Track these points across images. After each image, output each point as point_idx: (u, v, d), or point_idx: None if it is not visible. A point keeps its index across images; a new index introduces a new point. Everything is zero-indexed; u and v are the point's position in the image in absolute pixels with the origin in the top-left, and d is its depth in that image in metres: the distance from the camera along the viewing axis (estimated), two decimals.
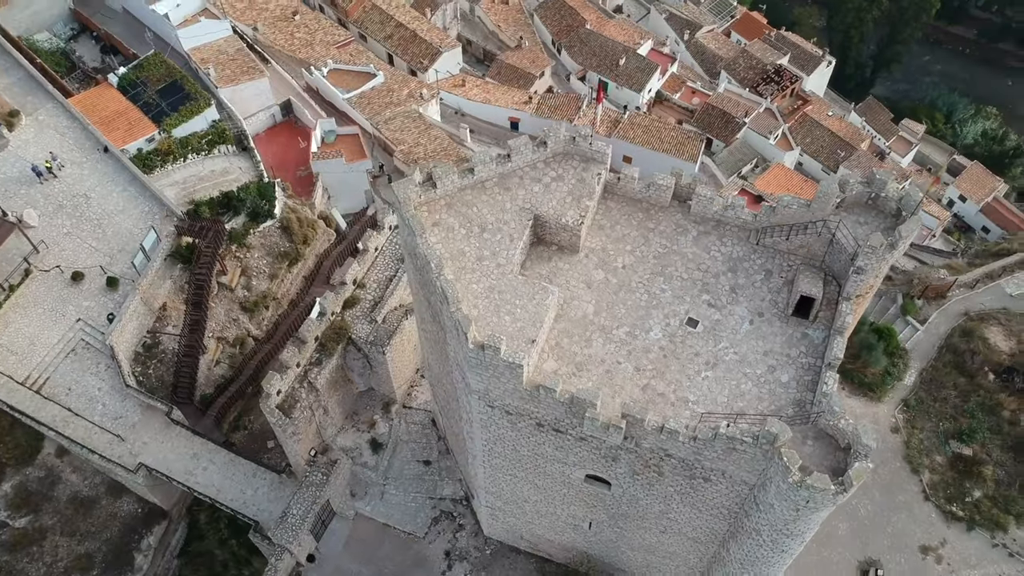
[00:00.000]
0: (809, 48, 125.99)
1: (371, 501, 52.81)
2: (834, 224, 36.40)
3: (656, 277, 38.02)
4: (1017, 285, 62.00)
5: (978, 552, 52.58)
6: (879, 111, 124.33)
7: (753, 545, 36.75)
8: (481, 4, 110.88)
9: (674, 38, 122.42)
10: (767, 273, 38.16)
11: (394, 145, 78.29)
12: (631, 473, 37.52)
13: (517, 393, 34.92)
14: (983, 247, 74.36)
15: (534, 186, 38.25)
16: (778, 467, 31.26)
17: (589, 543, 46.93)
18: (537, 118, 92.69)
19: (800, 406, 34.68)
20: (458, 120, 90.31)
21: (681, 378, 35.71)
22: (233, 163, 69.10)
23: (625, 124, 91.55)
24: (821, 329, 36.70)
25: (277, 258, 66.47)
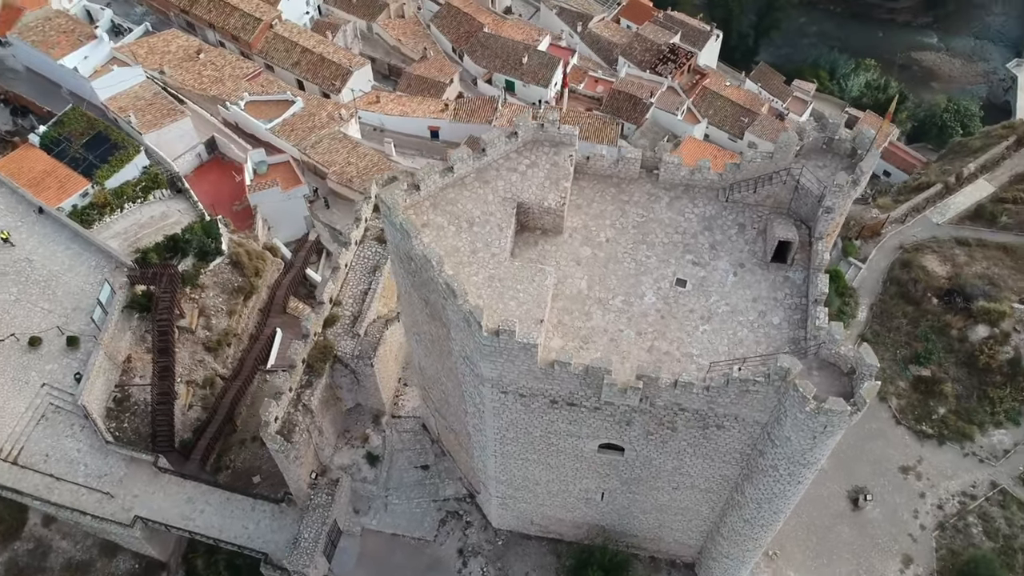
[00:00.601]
0: (697, 25, 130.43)
1: (376, 514, 53.22)
2: (797, 171, 38.76)
3: (639, 245, 39.79)
4: (941, 213, 66.22)
5: (952, 464, 56.14)
6: (772, 75, 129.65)
7: (770, 482, 38.79)
8: (379, 21, 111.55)
9: (568, 31, 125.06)
10: (740, 227, 40.35)
11: (325, 168, 78.61)
12: (645, 434, 39.15)
13: (531, 373, 36.15)
14: (903, 184, 78.83)
15: (511, 176, 39.59)
16: (793, 399, 33.30)
17: (601, 515, 48.42)
18: (456, 124, 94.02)
19: (795, 343, 36.89)
20: (378, 136, 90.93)
21: (681, 335, 37.53)
22: (171, 206, 68.58)
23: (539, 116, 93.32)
24: (800, 271, 39.03)
25: (232, 294, 66.26)
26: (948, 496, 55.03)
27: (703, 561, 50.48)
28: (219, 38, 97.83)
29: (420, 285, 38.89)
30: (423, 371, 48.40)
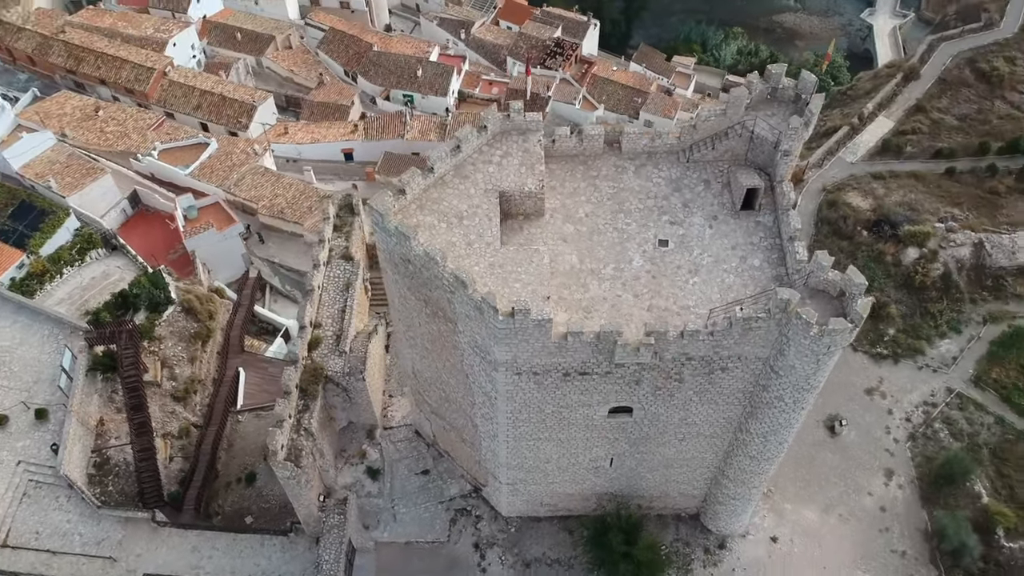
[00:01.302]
0: (574, 17, 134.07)
1: (386, 526, 53.77)
2: (751, 123, 41.53)
3: (617, 215, 41.90)
4: (853, 153, 70.79)
5: (909, 378, 60.28)
6: (653, 55, 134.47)
7: (776, 413, 41.38)
8: (267, 55, 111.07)
9: (452, 40, 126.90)
10: (706, 183, 42.93)
11: (253, 203, 78.30)
12: (653, 391, 41.21)
13: (545, 349, 37.74)
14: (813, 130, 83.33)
15: (488, 167, 41.16)
16: (796, 327, 35.87)
17: (610, 481, 50.27)
18: (368, 143, 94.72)
19: (779, 280, 39.63)
20: (294, 166, 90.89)
21: (675, 290, 39.78)
22: (110, 264, 67.53)
23: (454, 123, 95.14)
24: (768, 214, 41.83)
25: (189, 341, 65.60)
26: (912, 408, 59.06)
27: (708, 508, 52.89)
28: (113, 93, 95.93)
29: (419, 286, 39.96)
30: (418, 375, 49.34)
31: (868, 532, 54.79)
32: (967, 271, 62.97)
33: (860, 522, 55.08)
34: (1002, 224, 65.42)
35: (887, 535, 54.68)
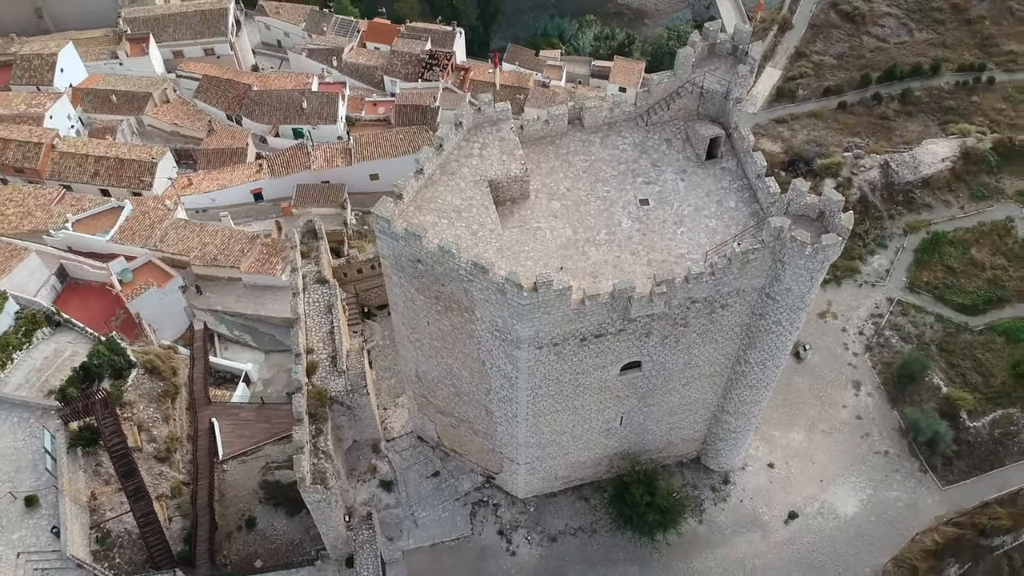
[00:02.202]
0: (440, 28, 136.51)
1: (409, 534, 54.60)
2: (700, 79, 44.84)
3: (595, 184, 44.46)
4: (753, 104, 75.64)
5: (854, 296, 65.28)
6: (522, 52, 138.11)
7: (773, 338, 44.74)
8: (148, 112, 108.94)
9: (326, 69, 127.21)
10: (668, 142, 46.02)
11: (185, 256, 77.30)
12: (661, 340, 43.92)
13: (565, 318, 39.89)
14: None
15: (471, 161, 43.05)
16: (791, 250, 39.20)
17: (619, 441, 52.75)
18: (277, 179, 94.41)
19: (755, 216, 43.03)
20: (205, 216, 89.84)
21: (666, 242, 42.63)
22: (59, 341, 65.77)
23: (358, 147, 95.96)
24: (730, 159, 45.28)
25: (159, 400, 64.78)
26: (862, 323, 63.93)
27: (709, 449, 56.06)
28: (2, 176, 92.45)
29: (429, 285, 41.40)
30: (422, 378, 50.59)
31: (851, 441, 59.17)
32: (880, 191, 68.48)
33: (841, 433, 59.38)
34: (899, 144, 71.43)
35: (868, 439, 59.19)
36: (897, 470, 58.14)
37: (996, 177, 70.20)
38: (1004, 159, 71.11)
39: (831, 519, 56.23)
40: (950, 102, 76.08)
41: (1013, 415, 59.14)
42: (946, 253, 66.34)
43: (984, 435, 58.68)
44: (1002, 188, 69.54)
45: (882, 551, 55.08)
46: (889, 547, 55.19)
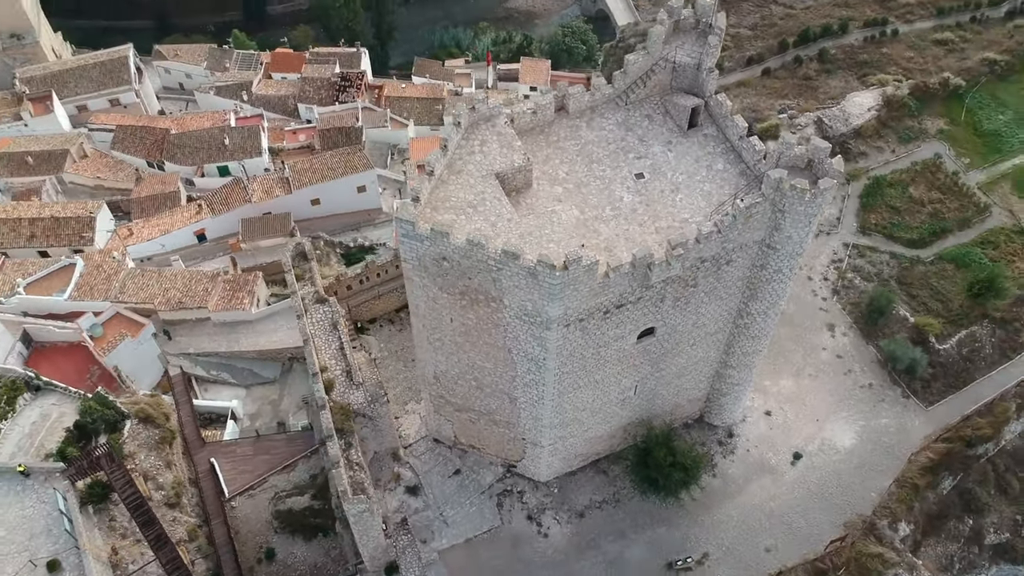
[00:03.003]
0: (344, 50, 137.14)
1: (442, 534, 55.57)
2: (672, 54, 47.52)
3: (591, 165, 46.64)
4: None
5: (812, 246, 68.86)
6: (429, 65, 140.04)
7: (774, 287, 47.70)
8: (67, 170, 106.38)
9: (238, 104, 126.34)
10: (649, 117, 48.56)
11: (149, 303, 76.30)
12: (674, 303, 46.35)
13: (591, 292, 41.87)
14: None
15: (473, 157, 44.66)
16: (791, 198, 42.11)
17: (632, 410, 54.97)
18: (219, 217, 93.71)
19: (744, 174, 45.89)
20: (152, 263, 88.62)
21: (669, 210, 45.08)
22: (43, 404, 64.35)
23: (295, 175, 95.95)
24: (710, 126, 48.04)
25: (158, 447, 64.11)
26: (825, 269, 67.87)
27: (712, 406, 58.85)
28: None
29: (455, 281, 42.80)
30: (440, 378, 51.80)
31: (836, 379, 62.87)
32: None
33: (826, 374, 63.03)
34: (826, 100, 75.93)
35: (851, 375, 63.00)
36: (883, 399, 62.06)
37: (918, 119, 75.35)
38: (922, 102, 76.41)
39: (832, 454, 59.69)
40: (863, 56, 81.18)
41: (976, 333, 63.83)
42: (888, 195, 70.91)
43: (954, 355, 63.16)
44: (925, 129, 74.70)
45: (883, 475, 58.79)
46: (889, 471, 58.95)
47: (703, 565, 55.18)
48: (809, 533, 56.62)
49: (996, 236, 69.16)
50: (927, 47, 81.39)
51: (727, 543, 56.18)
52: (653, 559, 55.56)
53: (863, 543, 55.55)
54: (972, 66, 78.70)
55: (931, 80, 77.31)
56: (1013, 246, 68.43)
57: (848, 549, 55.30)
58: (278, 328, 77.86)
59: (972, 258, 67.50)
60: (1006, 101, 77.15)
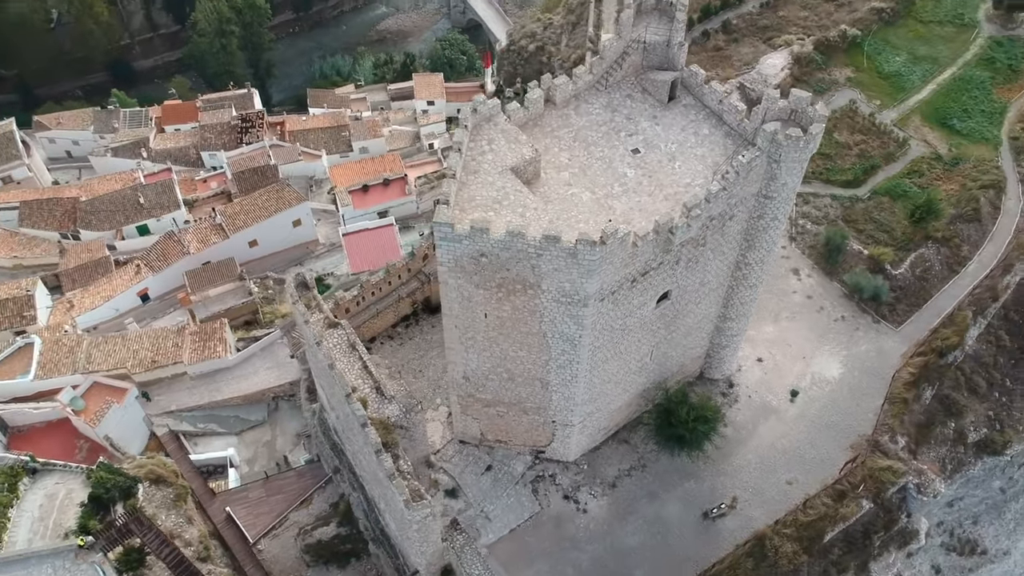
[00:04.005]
0: (235, 92, 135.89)
1: (487, 530, 56.98)
2: (643, 34, 50.67)
3: (589, 148, 49.27)
4: None
5: None
6: (324, 95, 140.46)
7: (770, 234, 51.46)
8: None
9: (138, 162, 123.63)
10: (630, 96, 51.57)
11: (121, 368, 74.75)
12: (686, 264, 49.48)
13: (623, 263, 44.54)
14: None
15: (486, 156, 46.61)
16: (787, 148, 45.81)
17: (647, 376, 57.82)
18: (159, 275, 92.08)
19: (730, 135, 49.39)
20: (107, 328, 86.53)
21: (671, 178, 48.14)
22: (46, 485, 62.61)
23: (228, 219, 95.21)
24: (687, 96, 51.43)
25: (175, 505, 63.33)
26: None
27: (711, 360, 62.35)
28: None
29: (491, 275, 44.63)
30: (470, 377, 53.34)
31: (811, 318, 67.41)
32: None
33: (802, 315, 67.52)
34: (741, 67, 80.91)
35: (824, 312, 67.71)
36: (857, 328, 66.95)
37: (827, 72, 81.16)
38: (827, 55, 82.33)
39: (824, 385, 64.10)
40: (764, 22, 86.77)
41: (924, 254, 69.57)
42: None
43: (909, 277, 68.67)
44: (835, 79, 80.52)
45: (873, 396, 63.54)
46: (877, 391, 63.76)
47: (735, 509, 58.48)
48: (822, 460, 60.75)
49: (919, 165, 75.29)
50: (819, 5, 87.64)
51: (752, 484, 59.69)
52: (689, 512, 58.59)
53: (872, 459, 60.01)
54: (863, 16, 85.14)
55: (830, 34, 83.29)
56: (935, 171, 74.69)
57: (861, 468, 59.66)
58: (257, 370, 77.79)
59: (903, 189, 73.31)
60: (898, 44, 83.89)
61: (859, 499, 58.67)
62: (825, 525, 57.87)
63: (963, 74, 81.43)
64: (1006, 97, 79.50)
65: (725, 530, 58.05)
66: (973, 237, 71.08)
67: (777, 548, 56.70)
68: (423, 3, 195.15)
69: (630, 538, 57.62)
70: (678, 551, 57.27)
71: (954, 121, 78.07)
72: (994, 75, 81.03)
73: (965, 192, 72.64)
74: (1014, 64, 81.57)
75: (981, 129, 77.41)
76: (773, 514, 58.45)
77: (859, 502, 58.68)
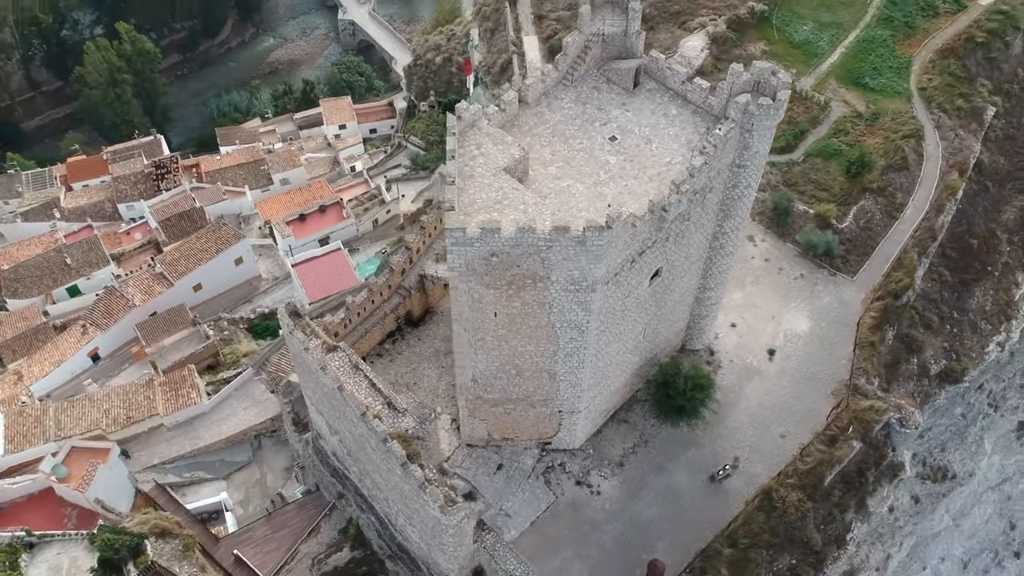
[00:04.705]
0: (140, 141, 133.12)
1: (507, 526, 57.90)
2: (600, 27, 52.82)
3: (569, 142, 51.12)
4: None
5: None
6: (233, 131, 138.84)
7: (744, 201, 54.32)
8: None
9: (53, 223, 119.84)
10: (596, 88, 53.67)
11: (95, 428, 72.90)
12: (675, 239, 51.85)
13: (625, 245, 46.54)
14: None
15: (478, 160, 47.98)
16: (759, 116, 48.58)
17: (639, 355, 59.95)
18: (107, 333, 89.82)
19: (697, 113, 51.97)
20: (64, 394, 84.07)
21: (651, 159, 50.38)
22: (47, 557, 61.17)
23: (168, 267, 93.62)
24: (649, 81, 53.80)
25: (186, 556, 62.53)
26: None
27: (691, 330, 64.90)
28: None
29: (502, 273, 45.99)
30: (478, 379, 54.32)
31: (773, 279, 70.85)
32: None
33: (764, 277, 70.91)
34: (665, 52, 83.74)
35: (783, 272, 71.27)
36: (816, 283, 70.71)
37: (743, 48, 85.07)
38: (740, 32, 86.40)
39: (797, 340, 67.53)
40: (676, 7, 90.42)
41: (864, 205, 73.94)
42: None
43: (855, 228, 72.88)
44: (752, 54, 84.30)
45: (843, 344, 67.25)
46: (846, 339, 67.49)
47: (738, 468, 61.17)
48: (808, 411, 64.02)
49: (843, 124, 79.72)
50: None
51: (749, 443, 62.52)
52: (696, 478, 61.05)
53: (855, 402, 63.55)
54: None
55: (740, 12, 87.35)
56: (859, 128, 79.27)
57: (846, 411, 63.12)
58: (235, 411, 77.09)
59: (833, 148, 77.60)
60: (803, 14, 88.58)
61: (849, 440, 62.04)
62: (823, 470, 61.00)
63: (866, 35, 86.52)
64: (908, 52, 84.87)
65: (733, 490, 60.67)
66: (905, 184, 75.75)
67: (784, 499, 59.55)
68: (310, 30, 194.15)
69: (646, 511, 59.63)
70: (693, 516, 59.60)
71: (867, 80, 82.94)
72: (894, 33, 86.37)
73: (890, 144, 77.34)
74: (909, 21, 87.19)
75: (892, 84, 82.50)
76: (774, 467, 61.36)
77: (850, 443, 62.05)
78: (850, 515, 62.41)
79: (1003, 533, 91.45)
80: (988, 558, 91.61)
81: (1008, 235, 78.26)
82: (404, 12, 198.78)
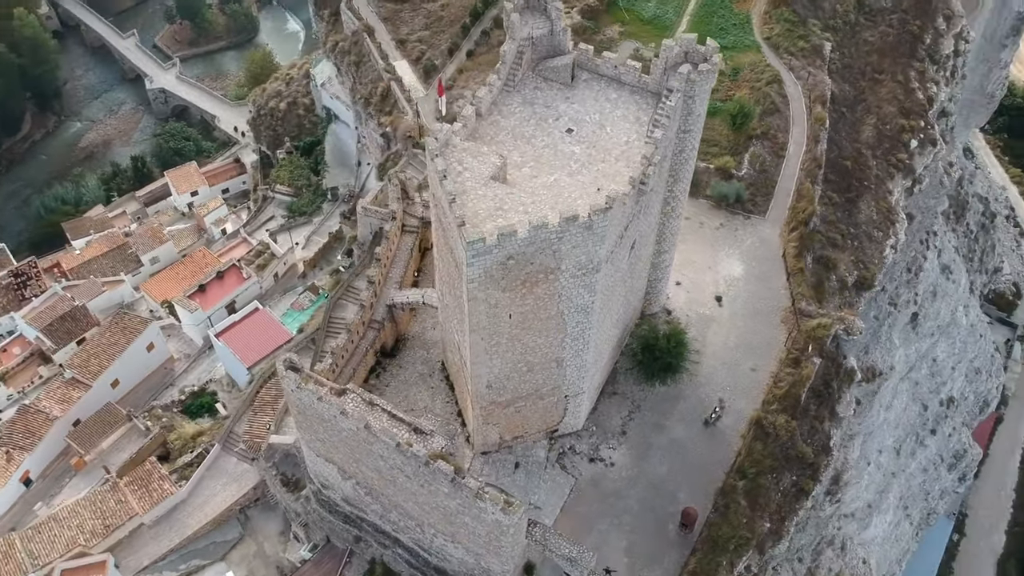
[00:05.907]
0: None
1: (541, 518, 60.05)
2: (529, 32, 56.06)
3: (531, 141, 54.00)
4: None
5: None
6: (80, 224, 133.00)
7: (689, 164, 59.12)
8: None
9: None
10: (537, 89, 56.85)
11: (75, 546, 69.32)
12: (643, 209, 55.80)
13: (618, 222, 50.08)
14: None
15: (464, 174, 50.07)
16: (699, 83, 53.43)
17: (620, 327, 63.73)
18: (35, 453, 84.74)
19: (637, 92, 56.18)
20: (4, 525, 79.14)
21: (610, 142, 54.05)
22: None
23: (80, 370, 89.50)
24: (582, 72, 57.48)
25: None
26: None
27: (649, 295, 69.18)
28: None
29: (517, 273, 48.44)
30: (493, 384, 56.13)
31: (697, 234, 76.47)
32: None
33: (690, 234, 75.94)
34: None
35: (704, 227, 77.32)
36: (736, 229, 76.84)
37: (601, 32, 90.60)
38: (594, 19, 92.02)
39: (738, 282, 73.34)
40: None
41: (754, 151, 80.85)
42: None
43: (753, 173, 79.66)
44: (611, 37, 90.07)
45: (777, 275, 73.63)
46: (778, 270, 73.91)
47: (726, 407, 66.07)
48: (767, 342, 69.82)
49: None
50: None
51: (727, 384, 67.62)
52: (692, 426, 65.55)
53: (804, 324, 69.78)
54: None
55: (589, 1, 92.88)
56: (727, 84, 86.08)
57: (800, 334, 69.22)
58: (214, 491, 75.22)
59: (712, 107, 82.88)
60: None
61: (811, 358, 68.13)
62: (797, 390, 66.80)
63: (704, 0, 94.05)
64: (745, 8, 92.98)
65: (727, 428, 65.55)
66: (781, 125, 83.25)
67: (773, 424, 64.90)
68: (116, 107, 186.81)
69: (658, 468, 63.55)
70: (701, 461, 64.07)
71: (717, 40, 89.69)
72: None
73: (756, 92, 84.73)
74: None
75: (740, 39, 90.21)
76: (755, 399, 66.72)
77: (811, 360, 68.14)
78: (827, 424, 68.56)
79: (919, 416, 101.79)
80: (912, 441, 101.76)
81: (871, 151, 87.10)
82: (210, 69, 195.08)
